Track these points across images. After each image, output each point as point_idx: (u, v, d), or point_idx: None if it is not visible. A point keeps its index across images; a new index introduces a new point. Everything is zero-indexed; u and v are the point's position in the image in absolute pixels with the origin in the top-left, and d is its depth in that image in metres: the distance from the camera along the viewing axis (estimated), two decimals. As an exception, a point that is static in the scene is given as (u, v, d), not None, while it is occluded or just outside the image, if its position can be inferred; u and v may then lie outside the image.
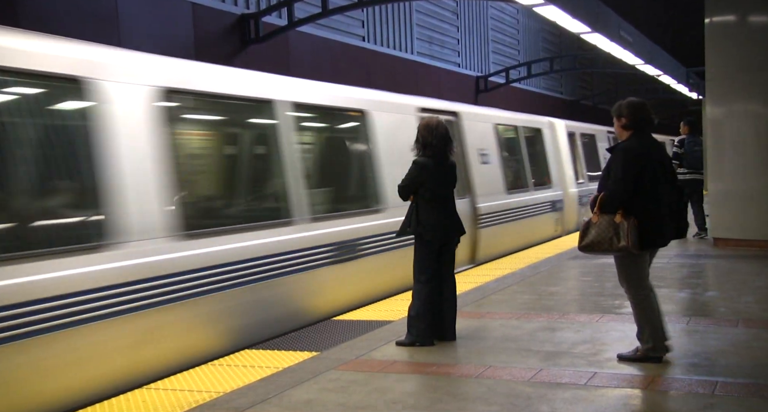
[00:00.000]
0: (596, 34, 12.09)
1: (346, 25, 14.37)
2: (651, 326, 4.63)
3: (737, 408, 3.79)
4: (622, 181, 4.48)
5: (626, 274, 4.67)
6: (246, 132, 6.83)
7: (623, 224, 4.42)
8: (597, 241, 4.49)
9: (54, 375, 4.25)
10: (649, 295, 4.68)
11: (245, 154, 6.75)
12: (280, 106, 6.47)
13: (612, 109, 4.82)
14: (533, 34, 24.66)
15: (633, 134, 4.66)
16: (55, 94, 4.72)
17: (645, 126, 4.67)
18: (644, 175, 4.50)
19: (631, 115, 4.67)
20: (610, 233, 4.44)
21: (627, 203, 4.47)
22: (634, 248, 4.43)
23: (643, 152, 4.55)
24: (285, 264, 6.12)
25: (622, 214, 4.45)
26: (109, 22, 9.18)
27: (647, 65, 16.95)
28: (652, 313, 4.64)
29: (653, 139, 4.73)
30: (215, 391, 4.45)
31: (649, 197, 4.51)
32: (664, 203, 4.57)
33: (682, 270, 8.48)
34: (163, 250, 5.02)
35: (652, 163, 4.55)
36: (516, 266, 9.14)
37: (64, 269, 4.31)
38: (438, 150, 5.39)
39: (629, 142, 4.63)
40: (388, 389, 4.32)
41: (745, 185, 9.92)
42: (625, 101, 4.77)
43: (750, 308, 6.23)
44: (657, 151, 4.66)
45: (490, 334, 5.59)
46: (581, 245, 4.62)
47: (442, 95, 14.43)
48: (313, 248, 6.49)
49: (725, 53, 10.14)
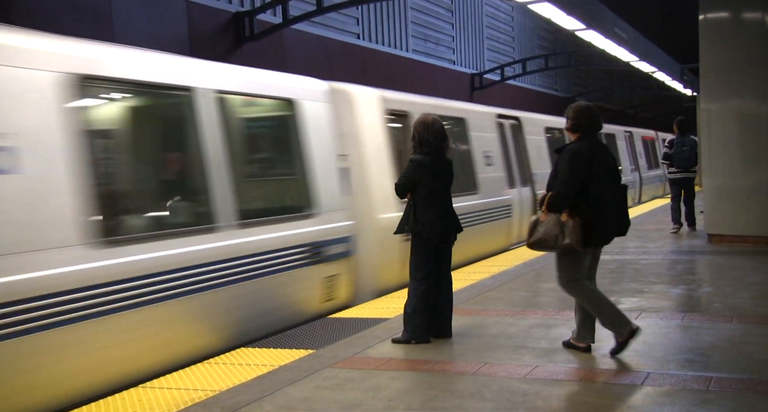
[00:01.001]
0: (591, 31, 12.14)
1: (341, 22, 14.37)
2: (606, 310, 4.72)
3: (732, 404, 3.81)
4: (569, 183, 4.66)
5: (565, 271, 4.82)
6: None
7: (568, 222, 4.60)
8: (544, 238, 4.67)
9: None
10: (587, 285, 4.80)
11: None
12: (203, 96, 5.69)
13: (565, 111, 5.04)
14: (528, 32, 24.68)
15: (581, 137, 4.83)
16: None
17: (590, 129, 4.84)
18: (590, 177, 4.66)
19: (575, 118, 4.86)
20: (556, 231, 4.62)
21: (573, 203, 4.65)
22: (577, 245, 4.59)
23: (589, 155, 4.70)
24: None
25: (568, 213, 4.63)
26: (104, 21, 9.16)
27: (642, 62, 17.02)
28: (601, 301, 4.75)
29: (599, 141, 4.92)
30: (211, 389, 4.45)
31: (594, 198, 4.67)
32: (608, 203, 4.73)
33: (676, 266, 8.50)
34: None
35: (597, 165, 4.71)
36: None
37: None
38: (434, 147, 5.38)
39: (577, 145, 4.79)
40: (384, 386, 4.32)
41: (740, 181, 9.94)
42: (574, 104, 4.98)
43: (744, 304, 6.25)
44: (602, 153, 4.82)
45: (485, 331, 5.59)
46: (529, 242, 4.79)
47: (437, 93, 14.44)
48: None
49: (719, 50, 10.16)
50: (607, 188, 4.74)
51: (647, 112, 38.90)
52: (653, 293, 6.86)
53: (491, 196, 10.45)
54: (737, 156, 9.99)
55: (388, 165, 7.99)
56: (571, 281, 4.78)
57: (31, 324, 4.14)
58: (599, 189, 4.68)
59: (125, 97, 5.59)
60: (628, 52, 15.13)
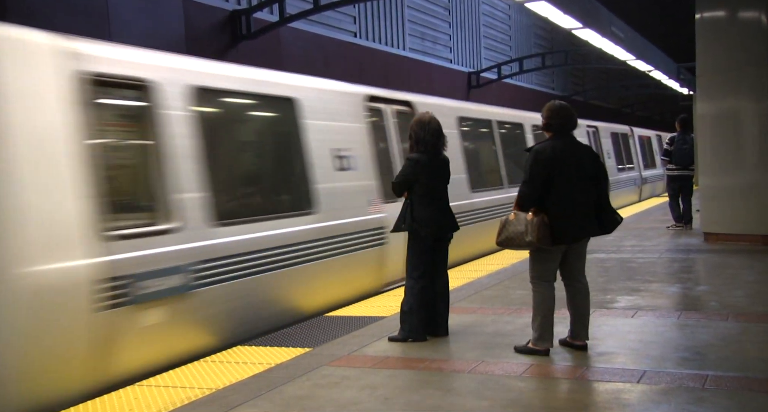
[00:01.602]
0: (588, 29, 12.12)
1: (337, 21, 14.35)
2: (540, 318, 4.83)
3: (727, 402, 3.82)
4: (529, 182, 4.75)
5: (532, 267, 4.92)
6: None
7: (533, 220, 4.67)
8: (511, 237, 4.78)
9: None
10: (545, 288, 4.86)
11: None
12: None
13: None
14: (525, 30, 24.68)
15: (553, 136, 4.87)
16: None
17: (563, 129, 4.86)
18: (554, 176, 4.70)
19: (548, 118, 4.91)
20: (521, 229, 4.71)
21: (538, 202, 4.72)
22: (541, 243, 4.66)
23: (553, 155, 4.73)
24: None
25: (534, 211, 4.71)
26: (100, 19, 9.14)
27: (638, 61, 17.00)
28: (542, 306, 4.84)
29: (573, 141, 4.91)
30: (207, 387, 4.45)
31: (558, 196, 4.72)
32: (575, 202, 4.75)
33: (673, 265, 8.52)
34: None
35: (565, 165, 4.73)
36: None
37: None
38: (431, 145, 5.39)
39: (542, 145, 4.84)
40: (381, 384, 4.32)
41: (736, 180, 9.96)
42: (549, 103, 5.01)
43: (740, 302, 6.26)
44: (574, 152, 4.82)
45: (482, 329, 5.60)
46: (498, 240, 4.89)
47: (434, 91, 14.43)
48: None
49: (715, 49, 10.17)
50: (577, 187, 4.75)
51: (644, 111, 38.94)
52: (649, 291, 6.88)
53: (344, 217, 7.14)
54: (733, 155, 10.01)
55: (67, 170, 4.51)
56: (535, 277, 4.90)
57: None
58: (565, 187, 4.71)
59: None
60: (625, 51, 15.12)
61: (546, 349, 4.80)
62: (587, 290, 4.96)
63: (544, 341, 4.81)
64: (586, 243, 4.98)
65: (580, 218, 4.79)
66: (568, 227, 4.74)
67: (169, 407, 4.12)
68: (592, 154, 4.96)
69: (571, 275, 4.95)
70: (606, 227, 4.94)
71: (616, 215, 4.96)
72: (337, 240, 6.97)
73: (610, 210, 4.93)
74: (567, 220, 4.73)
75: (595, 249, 9.56)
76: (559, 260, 4.88)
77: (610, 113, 31.06)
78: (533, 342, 4.85)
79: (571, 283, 4.96)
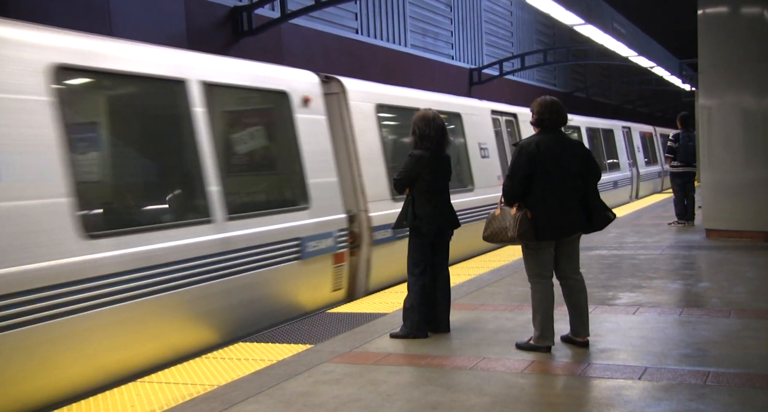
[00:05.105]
0: (589, 25, 12.11)
1: (339, 17, 14.33)
2: (540, 315, 4.82)
3: (729, 398, 3.82)
4: (512, 178, 4.76)
5: (527, 265, 4.92)
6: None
7: (515, 215, 4.70)
8: (495, 232, 4.86)
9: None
10: (542, 286, 4.84)
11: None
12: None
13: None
14: (527, 26, 24.64)
15: (540, 131, 4.88)
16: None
17: (551, 124, 4.85)
18: (536, 172, 4.70)
19: (537, 113, 4.90)
20: (505, 224, 4.76)
21: (522, 198, 4.74)
22: (524, 238, 4.68)
23: (537, 151, 4.71)
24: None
25: (517, 207, 4.73)
26: (101, 15, 9.13)
27: (640, 57, 16.99)
28: (541, 303, 4.83)
29: (562, 136, 4.89)
30: (209, 384, 4.45)
31: (540, 192, 4.72)
32: (562, 198, 4.74)
33: (674, 261, 8.51)
34: None
35: (549, 160, 4.70)
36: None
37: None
38: (435, 142, 5.37)
39: (528, 140, 4.85)
40: (382, 381, 4.33)
41: (737, 177, 9.94)
42: (539, 99, 4.98)
43: (742, 299, 6.26)
44: (561, 148, 4.78)
45: (484, 326, 5.60)
46: (484, 235, 4.97)
47: (435, 87, 14.41)
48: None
49: (718, 45, 10.14)
50: (561, 183, 4.72)
51: (645, 108, 38.90)
52: (651, 287, 6.87)
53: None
54: (735, 151, 9.99)
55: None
56: (532, 276, 4.90)
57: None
58: (548, 183, 4.70)
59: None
60: (627, 47, 15.11)
61: (547, 346, 4.79)
62: (582, 286, 4.93)
63: (545, 339, 4.81)
64: (578, 239, 4.94)
65: (563, 214, 4.75)
66: (550, 223, 4.71)
67: (171, 403, 4.13)
68: (581, 151, 4.91)
69: (564, 271, 4.92)
70: (595, 223, 4.89)
71: (608, 212, 4.89)
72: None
73: (600, 207, 4.86)
74: (549, 215, 4.71)
75: (597, 246, 9.56)
76: (551, 256, 4.85)
77: (612, 109, 31.01)
78: (534, 340, 4.84)
79: (564, 279, 4.93)
